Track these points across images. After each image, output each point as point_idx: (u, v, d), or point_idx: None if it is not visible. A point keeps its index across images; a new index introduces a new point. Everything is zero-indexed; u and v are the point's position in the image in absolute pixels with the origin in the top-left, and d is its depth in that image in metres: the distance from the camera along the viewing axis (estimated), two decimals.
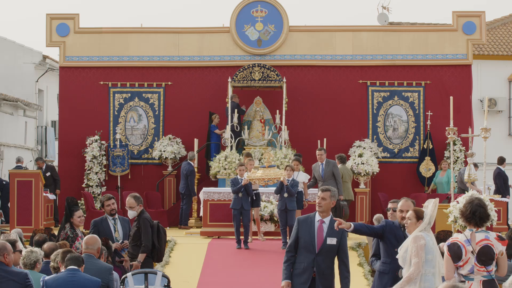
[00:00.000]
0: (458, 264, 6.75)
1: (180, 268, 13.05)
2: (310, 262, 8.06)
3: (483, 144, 14.65)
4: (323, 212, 8.17)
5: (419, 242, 7.40)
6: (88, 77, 20.94)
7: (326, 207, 8.16)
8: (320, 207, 8.17)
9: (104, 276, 8.38)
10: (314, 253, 8.06)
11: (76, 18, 20.92)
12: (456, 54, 20.63)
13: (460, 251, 6.74)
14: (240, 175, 14.99)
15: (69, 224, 10.61)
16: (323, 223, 8.15)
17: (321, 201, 8.18)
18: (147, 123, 20.99)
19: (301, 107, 20.58)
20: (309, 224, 8.16)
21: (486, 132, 14.35)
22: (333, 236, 8.08)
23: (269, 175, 14.95)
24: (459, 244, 6.76)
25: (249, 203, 14.86)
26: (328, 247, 8.07)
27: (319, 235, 8.11)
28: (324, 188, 8.27)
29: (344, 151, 20.18)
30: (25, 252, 8.44)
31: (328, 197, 8.17)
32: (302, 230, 8.16)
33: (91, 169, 20.36)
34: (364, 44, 20.74)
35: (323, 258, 8.07)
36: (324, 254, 8.07)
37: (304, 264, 8.06)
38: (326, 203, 8.16)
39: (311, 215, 8.25)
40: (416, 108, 20.74)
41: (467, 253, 6.73)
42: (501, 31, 28.28)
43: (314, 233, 8.11)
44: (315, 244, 8.07)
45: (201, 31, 21.05)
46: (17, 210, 16.31)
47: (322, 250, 8.06)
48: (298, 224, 8.22)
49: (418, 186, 20.38)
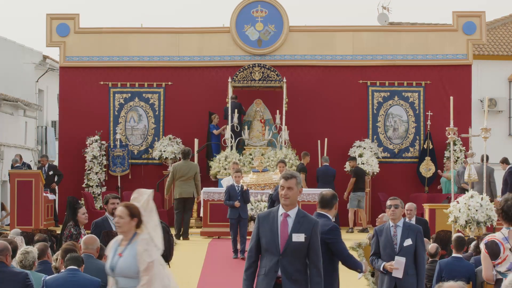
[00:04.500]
0: (496, 261, 6.82)
1: (180, 268, 13.03)
2: (273, 266, 6.65)
3: (483, 144, 14.66)
4: (289, 205, 6.75)
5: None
6: (88, 77, 20.94)
7: (293, 198, 6.75)
8: (287, 198, 6.72)
9: (104, 275, 8.38)
10: (277, 254, 6.65)
11: (76, 18, 20.93)
12: (456, 54, 20.63)
13: (498, 249, 6.81)
14: (237, 182, 14.48)
15: (72, 223, 10.60)
16: (287, 217, 6.72)
17: (287, 192, 6.72)
18: (147, 123, 21.00)
19: (301, 107, 20.57)
20: (271, 220, 6.74)
21: (486, 132, 14.36)
22: (301, 232, 6.66)
23: (265, 180, 14.83)
24: (496, 241, 6.83)
25: (247, 211, 14.39)
26: (295, 245, 6.63)
27: (283, 232, 6.68)
28: (287, 175, 6.81)
29: (344, 151, 20.22)
30: (21, 254, 8.41)
31: (295, 185, 6.75)
32: (263, 228, 6.76)
33: (91, 169, 20.37)
34: (364, 44, 20.74)
35: (290, 259, 6.64)
36: (290, 254, 6.64)
37: (266, 268, 6.69)
38: (294, 193, 6.74)
39: (274, 209, 6.84)
40: (416, 108, 20.75)
41: (505, 250, 6.81)
42: (501, 31, 28.29)
43: (277, 230, 6.69)
44: (278, 243, 6.66)
45: (201, 31, 21.06)
46: (17, 210, 16.31)
47: (287, 250, 6.63)
48: (258, 222, 6.81)
49: (418, 186, 20.39)
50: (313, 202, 16.19)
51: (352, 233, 17.63)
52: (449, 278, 9.14)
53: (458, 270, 10.20)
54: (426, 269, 10.91)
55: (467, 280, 10.22)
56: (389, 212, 8.84)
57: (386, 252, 8.75)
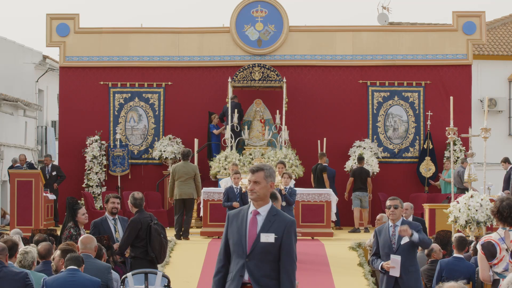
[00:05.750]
0: (493, 262, 6.83)
1: (180, 268, 13.04)
2: (239, 269, 5.97)
3: (483, 144, 14.65)
4: (259, 200, 6.08)
5: None
6: (88, 77, 20.94)
7: (262, 193, 6.06)
8: (254, 193, 6.06)
9: (103, 275, 8.38)
10: (244, 256, 5.99)
11: (76, 18, 20.92)
12: (456, 54, 20.63)
13: (495, 249, 6.82)
14: (235, 183, 14.52)
15: (72, 223, 10.59)
16: (257, 214, 6.07)
17: (253, 186, 6.07)
18: (147, 123, 20.99)
19: (301, 107, 20.58)
20: (240, 219, 6.09)
21: (486, 132, 14.36)
22: (271, 231, 5.98)
23: None
24: (493, 242, 6.84)
25: None
26: (263, 246, 5.96)
27: (251, 232, 6.02)
28: (254, 167, 6.17)
29: (344, 151, 20.23)
30: (20, 254, 8.41)
31: (262, 179, 6.08)
32: (231, 228, 6.12)
33: (91, 169, 20.37)
34: (364, 44, 20.74)
35: (257, 262, 5.95)
36: (258, 257, 5.95)
37: (233, 273, 6.03)
38: (261, 187, 6.06)
39: (245, 207, 6.20)
40: (416, 108, 20.74)
41: (501, 251, 6.82)
42: (501, 31, 28.28)
43: (245, 229, 6.03)
44: (245, 244, 6.00)
45: (201, 31, 21.05)
46: (17, 210, 16.31)
47: (254, 251, 5.97)
48: (227, 221, 6.18)
49: (418, 186, 20.39)
50: (313, 202, 16.19)
51: (359, 233, 17.58)
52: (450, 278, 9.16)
53: (459, 270, 10.20)
54: (426, 269, 10.93)
55: (467, 280, 10.21)
56: (389, 212, 8.84)
57: (385, 252, 8.77)
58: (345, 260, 13.56)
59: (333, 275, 12.58)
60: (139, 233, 10.10)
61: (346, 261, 13.50)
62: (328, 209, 16.17)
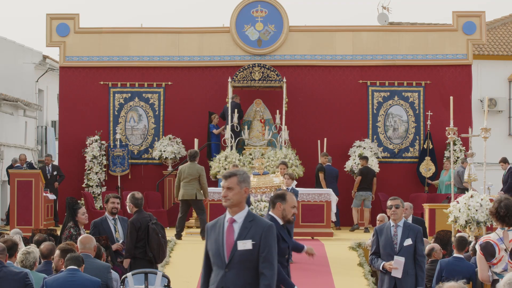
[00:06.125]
0: (492, 262, 6.84)
1: (180, 268, 13.03)
2: (219, 281, 5.78)
3: (483, 144, 14.65)
4: (233, 207, 5.87)
5: None
6: (88, 77, 20.94)
7: (235, 199, 5.85)
8: (227, 200, 5.85)
9: (103, 275, 8.38)
10: (223, 266, 5.80)
11: (76, 18, 20.92)
12: (456, 54, 20.62)
13: (494, 249, 6.83)
14: None
15: (72, 223, 10.59)
16: (233, 222, 5.86)
17: (227, 192, 5.85)
18: (147, 123, 20.99)
19: (301, 107, 20.58)
20: (218, 229, 5.90)
21: (486, 132, 14.36)
22: (247, 238, 5.78)
23: (266, 183, 14.77)
24: (492, 242, 6.85)
25: None
26: (241, 254, 5.75)
27: (228, 240, 5.81)
28: (227, 173, 5.96)
29: (344, 151, 20.23)
30: (22, 254, 8.40)
31: (236, 184, 5.86)
32: (210, 240, 5.93)
33: (91, 169, 20.36)
34: (364, 44, 20.74)
35: (237, 271, 5.75)
36: (237, 266, 5.76)
37: (214, 285, 5.83)
38: (235, 193, 5.84)
39: (222, 216, 5.99)
40: (416, 108, 20.74)
41: (500, 251, 6.83)
42: (501, 31, 28.28)
43: (222, 239, 5.84)
44: (224, 254, 5.80)
45: (201, 31, 21.05)
46: (17, 210, 16.31)
47: (233, 260, 5.77)
48: (206, 234, 6.02)
49: (418, 186, 20.39)
50: (313, 202, 16.19)
51: (357, 228, 17.81)
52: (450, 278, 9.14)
53: (459, 270, 10.19)
54: (426, 269, 10.91)
55: (467, 280, 10.20)
56: (390, 212, 8.83)
57: (386, 252, 8.75)
58: (345, 260, 13.56)
59: (333, 275, 12.57)
60: (138, 233, 10.10)
61: (346, 261, 13.50)
62: (328, 209, 16.19)
